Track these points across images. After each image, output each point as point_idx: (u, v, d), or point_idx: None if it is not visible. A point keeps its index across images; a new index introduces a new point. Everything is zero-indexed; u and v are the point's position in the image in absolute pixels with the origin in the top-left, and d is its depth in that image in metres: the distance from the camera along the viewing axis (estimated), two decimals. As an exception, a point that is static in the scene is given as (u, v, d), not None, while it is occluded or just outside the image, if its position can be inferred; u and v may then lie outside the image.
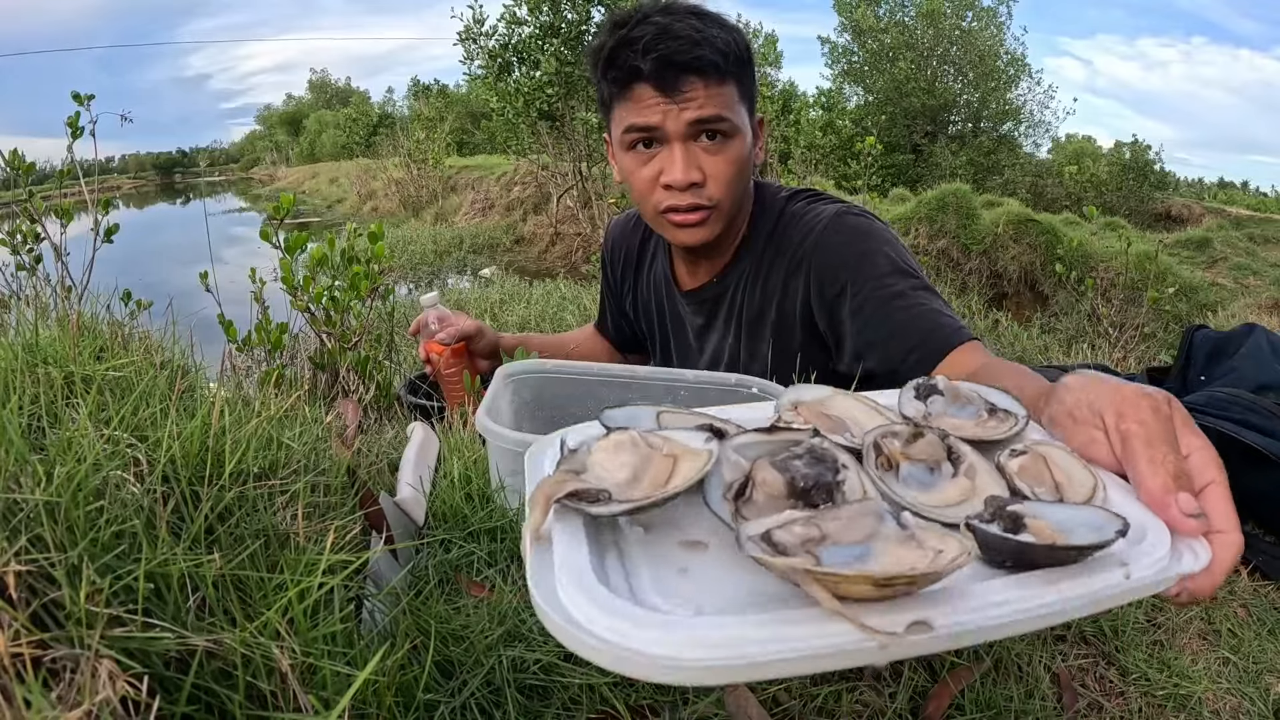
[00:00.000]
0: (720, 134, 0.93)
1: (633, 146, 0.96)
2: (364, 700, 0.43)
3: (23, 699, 0.29)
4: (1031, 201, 8.61)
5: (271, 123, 43.17)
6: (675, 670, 0.31)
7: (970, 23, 15.17)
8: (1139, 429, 0.44)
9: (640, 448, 0.43)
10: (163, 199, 27.15)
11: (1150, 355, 3.28)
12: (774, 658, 0.31)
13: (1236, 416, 0.85)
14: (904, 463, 0.46)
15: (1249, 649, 0.68)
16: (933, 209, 5.86)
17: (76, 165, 1.85)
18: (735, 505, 0.41)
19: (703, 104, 0.91)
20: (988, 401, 0.54)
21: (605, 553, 0.39)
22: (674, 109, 0.91)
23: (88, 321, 0.77)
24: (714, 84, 0.91)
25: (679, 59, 0.89)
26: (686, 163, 0.92)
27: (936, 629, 0.33)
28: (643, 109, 0.92)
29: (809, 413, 0.51)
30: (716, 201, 0.96)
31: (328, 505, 0.59)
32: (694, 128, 0.92)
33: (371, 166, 14.27)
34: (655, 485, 0.41)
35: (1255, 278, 5.61)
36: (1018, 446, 0.48)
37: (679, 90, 0.90)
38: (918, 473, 0.45)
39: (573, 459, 0.43)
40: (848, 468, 0.44)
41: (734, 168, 0.95)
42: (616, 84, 0.94)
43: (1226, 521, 0.41)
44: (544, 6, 6.83)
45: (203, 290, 1.49)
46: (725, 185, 0.95)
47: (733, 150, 0.94)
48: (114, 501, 0.42)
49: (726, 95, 0.92)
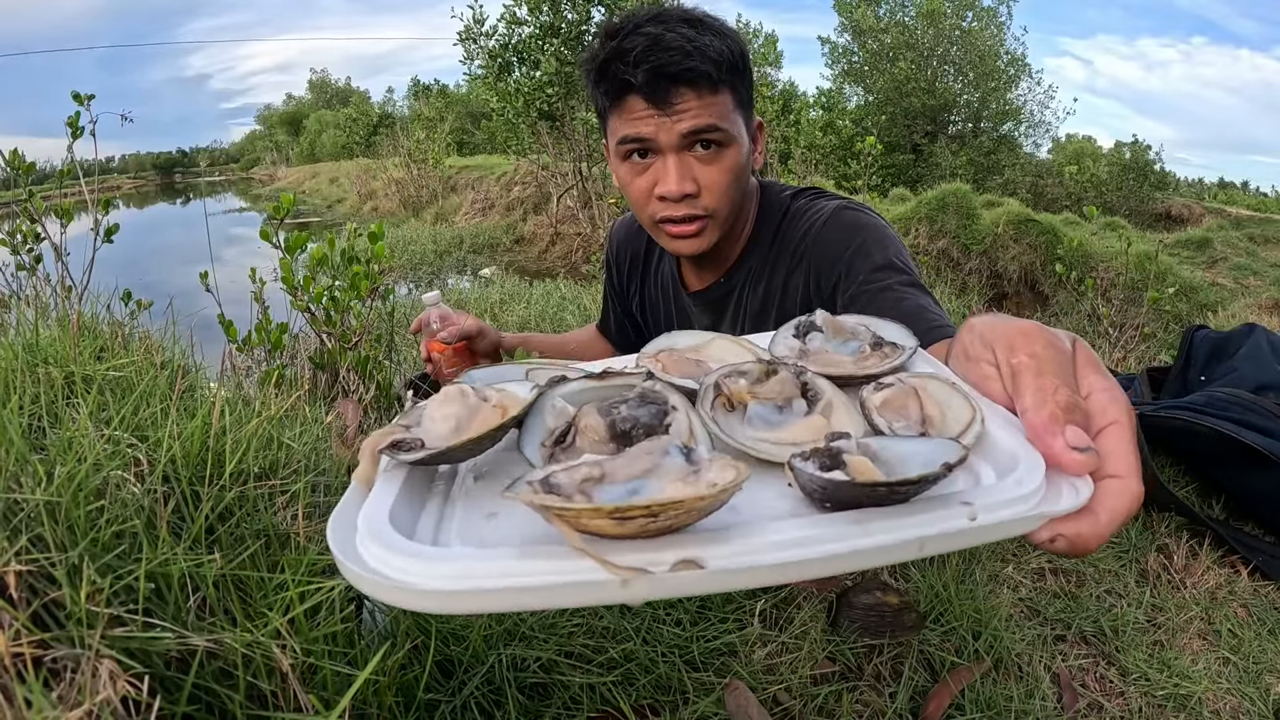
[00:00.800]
0: (714, 143, 0.93)
1: (628, 157, 0.96)
2: (364, 700, 0.43)
3: (23, 699, 0.29)
4: (1032, 201, 8.61)
5: (272, 123, 43.16)
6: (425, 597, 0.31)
7: (970, 23, 15.16)
8: (1030, 361, 0.40)
9: (469, 399, 0.43)
10: (163, 199, 27.15)
11: (1150, 355, 3.28)
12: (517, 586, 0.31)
13: (1236, 416, 0.85)
14: (751, 402, 0.44)
15: (1249, 649, 0.68)
16: (933, 209, 5.86)
17: (76, 165, 1.85)
18: (553, 451, 0.41)
19: (696, 115, 0.90)
20: (875, 335, 0.51)
21: (429, 500, 0.41)
22: (666, 121, 0.91)
23: (88, 321, 0.77)
24: (707, 94, 0.91)
25: (670, 70, 0.88)
26: (680, 174, 0.92)
27: (709, 568, 0.31)
28: (636, 120, 0.92)
29: (672, 358, 0.50)
30: (712, 211, 0.96)
31: (328, 505, 0.59)
32: (687, 139, 0.92)
33: (371, 166, 14.27)
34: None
35: (1255, 278, 5.61)
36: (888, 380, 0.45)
37: (670, 103, 0.90)
38: (765, 412, 0.44)
39: (409, 413, 0.43)
40: (676, 409, 0.42)
41: (729, 176, 0.95)
42: (609, 96, 0.94)
43: (1125, 466, 0.36)
44: (544, 6, 6.83)
45: (203, 290, 1.50)
46: (720, 195, 0.95)
47: (728, 159, 0.94)
48: (114, 501, 0.42)
49: (720, 104, 0.92)
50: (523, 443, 0.42)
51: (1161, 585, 0.77)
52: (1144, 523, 0.87)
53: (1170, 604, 0.74)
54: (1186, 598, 0.75)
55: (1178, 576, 0.78)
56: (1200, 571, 0.78)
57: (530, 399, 0.42)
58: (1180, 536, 0.83)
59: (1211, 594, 0.76)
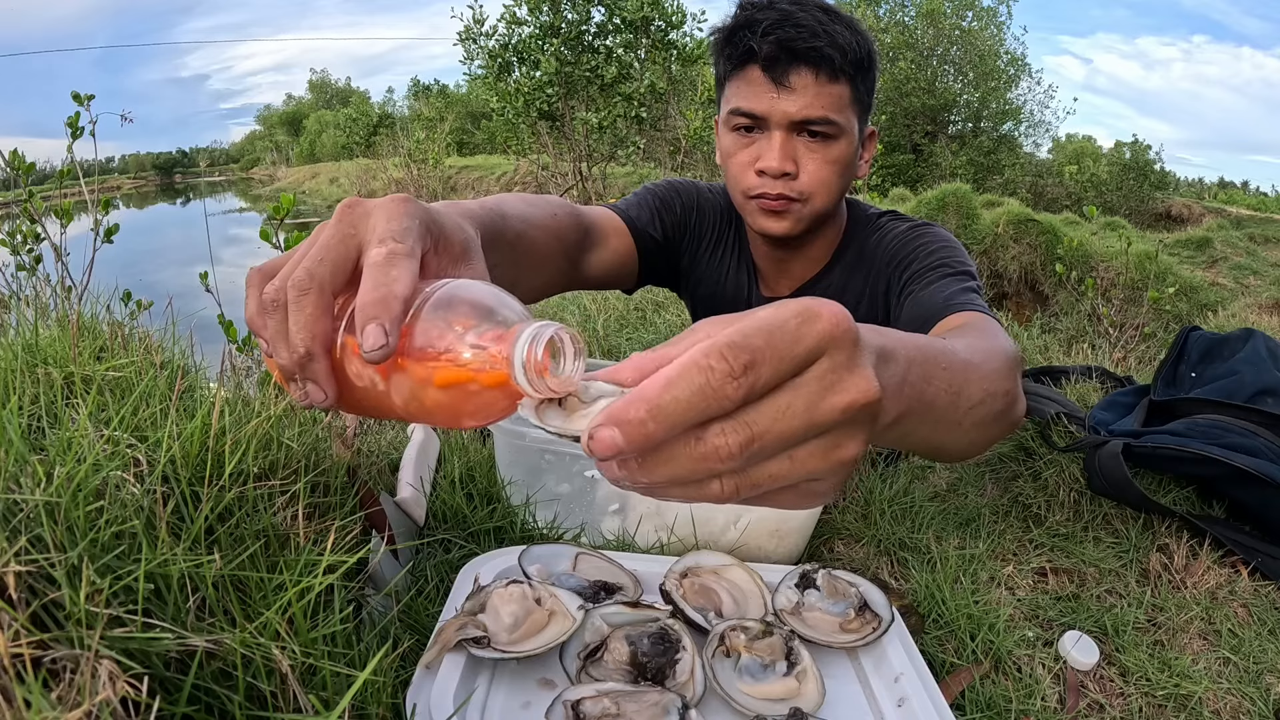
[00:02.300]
0: (822, 134, 0.93)
1: (737, 129, 0.96)
2: (364, 700, 0.43)
3: (23, 699, 0.29)
4: (1032, 201, 8.61)
5: (271, 123, 43.18)
6: None
7: (970, 22, 15.17)
8: None
9: (527, 601, 0.54)
10: (163, 199, 27.15)
11: (1150, 355, 3.28)
12: None
13: (1220, 440, 0.87)
14: (745, 655, 0.54)
15: (1249, 649, 0.68)
16: (933, 209, 5.86)
17: (76, 165, 1.85)
18: (583, 663, 0.52)
19: (811, 100, 0.90)
20: (861, 598, 0.62)
21: (479, 676, 0.51)
22: (781, 98, 0.91)
23: (88, 322, 0.76)
24: (825, 80, 0.90)
25: (795, 46, 0.88)
26: (784, 153, 0.92)
27: None
28: (752, 94, 0.92)
29: (691, 585, 0.62)
30: (806, 196, 0.95)
31: (328, 505, 0.59)
32: (798, 124, 0.92)
33: (372, 166, 14.27)
34: (529, 634, 0.52)
35: (1255, 278, 5.61)
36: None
37: (788, 80, 0.90)
38: (753, 666, 0.54)
39: (477, 596, 0.54)
40: (685, 650, 0.54)
41: (831, 168, 0.94)
42: (731, 61, 0.94)
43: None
44: (544, 6, 6.83)
45: (203, 290, 1.50)
46: (818, 183, 0.95)
47: (833, 151, 0.94)
48: (114, 502, 0.42)
49: (836, 95, 0.91)
50: (563, 653, 0.53)
51: (1162, 585, 0.77)
52: (1144, 523, 0.87)
53: (1170, 604, 0.74)
54: (1187, 598, 0.75)
55: (1178, 576, 0.78)
56: (1200, 571, 0.78)
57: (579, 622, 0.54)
58: (1180, 536, 0.83)
59: (1212, 594, 0.75)
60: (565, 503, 0.73)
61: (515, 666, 0.53)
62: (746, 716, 0.50)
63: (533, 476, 0.72)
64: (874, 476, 0.92)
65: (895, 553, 0.79)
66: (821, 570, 0.64)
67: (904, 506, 0.85)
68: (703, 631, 0.57)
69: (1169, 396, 1.02)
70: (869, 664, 0.59)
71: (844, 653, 0.59)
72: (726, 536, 0.72)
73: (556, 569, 0.62)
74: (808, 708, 0.51)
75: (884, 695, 0.55)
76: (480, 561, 0.62)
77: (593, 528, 0.73)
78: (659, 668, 0.52)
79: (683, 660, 0.53)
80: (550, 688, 0.52)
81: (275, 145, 36.95)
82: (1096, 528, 0.86)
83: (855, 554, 0.79)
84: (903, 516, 0.84)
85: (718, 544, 0.72)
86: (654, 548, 0.73)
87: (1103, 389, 1.21)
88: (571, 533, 0.73)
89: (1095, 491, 0.88)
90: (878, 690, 0.56)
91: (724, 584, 0.63)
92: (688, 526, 0.72)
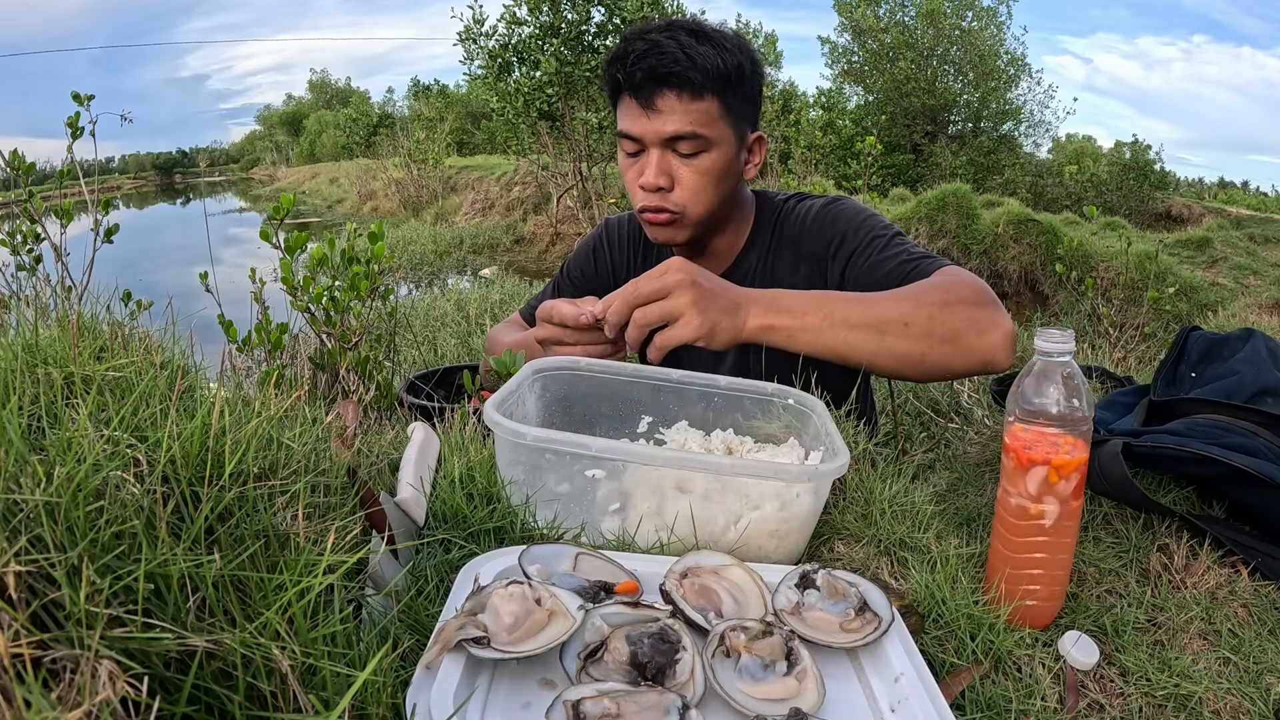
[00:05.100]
0: (693, 149, 1.02)
1: (626, 151, 1.07)
2: (364, 700, 0.43)
3: (23, 699, 0.29)
4: (1032, 201, 8.62)
5: (271, 123, 43.17)
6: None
7: (970, 22, 15.15)
8: None
9: (527, 601, 0.54)
10: (163, 199, 27.14)
11: (1150, 355, 3.28)
12: None
13: (1220, 440, 0.87)
14: (745, 655, 0.54)
15: (1249, 649, 0.68)
16: (933, 209, 5.86)
17: (76, 165, 1.84)
18: (583, 663, 0.52)
19: (677, 118, 0.99)
20: (861, 598, 0.61)
21: (479, 676, 0.51)
22: (651, 120, 1.01)
23: (88, 322, 0.76)
24: (689, 99, 0.99)
25: (658, 73, 0.98)
26: (657, 169, 1.02)
27: None
28: (629, 118, 1.03)
29: (691, 585, 0.61)
30: (681, 208, 1.05)
31: (328, 505, 0.59)
32: (669, 140, 1.01)
33: (371, 166, 14.27)
34: (529, 634, 0.52)
35: (1255, 278, 5.61)
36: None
37: (653, 104, 1.00)
38: (753, 666, 0.54)
39: (477, 596, 0.54)
40: (685, 650, 0.54)
41: (704, 179, 1.03)
42: (608, 93, 1.07)
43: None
44: (544, 6, 6.83)
45: (203, 290, 1.49)
46: (693, 194, 1.04)
47: (705, 162, 1.02)
48: (114, 502, 0.42)
49: (703, 110, 1.00)
50: (564, 653, 0.53)
51: (1162, 585, 0.77)
52: (1144, 523, 0.87)
53: (1170, 604, 0.73)
54: (1187, 598, 0.75)
55: (1178, 576, 0.78)
56: (1200, 571, 0.78)
57: (579, 622, 0.53)
58: (1180, 536, 0.83)
59: (1212, 594, 0.75)
60: (565, 503, 0.73)
61: (515, 666, 0.53)
62: (746, 717, 0.50)
63: (533, 476, 0.72)
64: (874, 476, 0.92)
65: (895, 553, 0.79)
66: (821, 570, 0.64)
67: (904, 506, 0.85)
68: (703, 632, 0.57)
69: (1169, 396, 1.02)
70: (869, 664, 0.59)
71: (844, 653, 0.59)
72: (726, 537, 0.72)
73: (556, 569, 0.62)
74: (808, 708, 0.50)
75: (884, 695, 0.55)
76: (480, 561, 0.62)
77: (593, 528, 0.73)
78: (659, 668, 0.52)
79: (683, 660, 0.53)
80: (550, 688, 0.52)
81: (275, 145, 36.91)
82: (1096, 527, 0.86)
83: (855, 554, 0.79)
84: (903, 516, 0.84)
85: (718, 544, 0.72)
86: (654, 548, 0.73)
87: (1103, 389, 1.21)
88: (571, 533, 0.73)
89: (1095, 491, 0.88)
90: (878, 690, 0.56)
91: (724, 584, 0.63)
92: (688, 526, 0.72)
